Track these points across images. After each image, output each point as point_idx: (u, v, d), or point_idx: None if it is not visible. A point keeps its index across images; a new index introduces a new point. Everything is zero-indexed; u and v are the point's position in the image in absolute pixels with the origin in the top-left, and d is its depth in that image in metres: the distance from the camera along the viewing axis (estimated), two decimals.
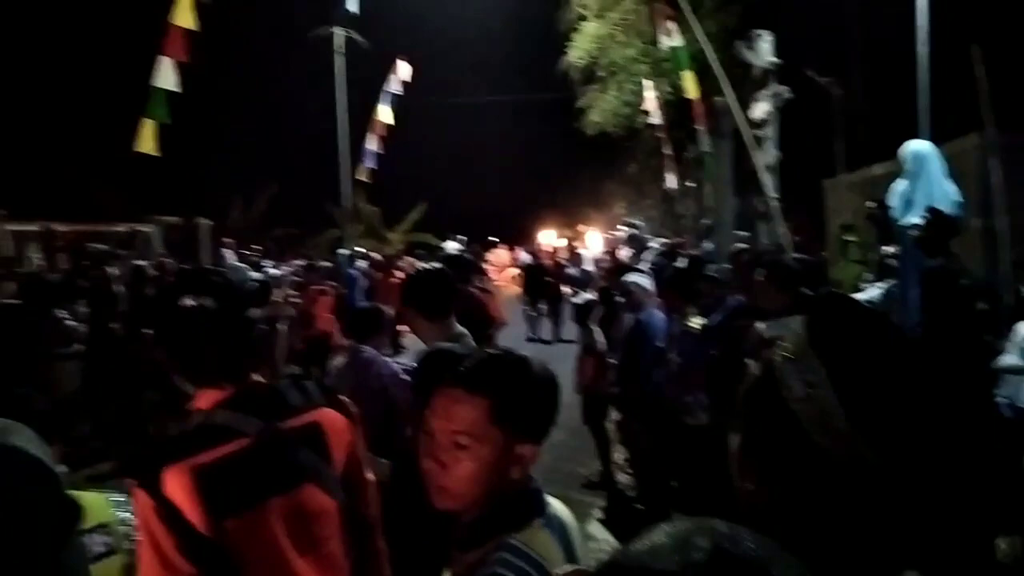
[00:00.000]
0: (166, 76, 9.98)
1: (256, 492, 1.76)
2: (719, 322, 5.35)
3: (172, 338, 1.85)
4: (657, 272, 7.53)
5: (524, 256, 22.10)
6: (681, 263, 8.74)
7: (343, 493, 1.92)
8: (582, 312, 7.17)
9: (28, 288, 8.61)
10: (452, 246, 20.48)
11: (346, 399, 2.04)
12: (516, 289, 18.31)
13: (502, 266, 24.41)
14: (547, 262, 15.84)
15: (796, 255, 6.98)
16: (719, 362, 5.00)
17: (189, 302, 1.80)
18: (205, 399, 1.84)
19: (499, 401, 1.43)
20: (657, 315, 6.12)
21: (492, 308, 7.29)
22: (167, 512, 1.65)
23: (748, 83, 8.13)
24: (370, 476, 2.07)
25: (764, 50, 7.97)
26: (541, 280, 15.25)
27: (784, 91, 8.01)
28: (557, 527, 1.49)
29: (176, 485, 1.66)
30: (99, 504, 2.28)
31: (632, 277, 6.48)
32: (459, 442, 1.41)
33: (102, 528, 2.15)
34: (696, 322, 5.50)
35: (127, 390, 7.82)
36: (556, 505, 1.55)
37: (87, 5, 21.66)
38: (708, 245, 10.63)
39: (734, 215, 9.99)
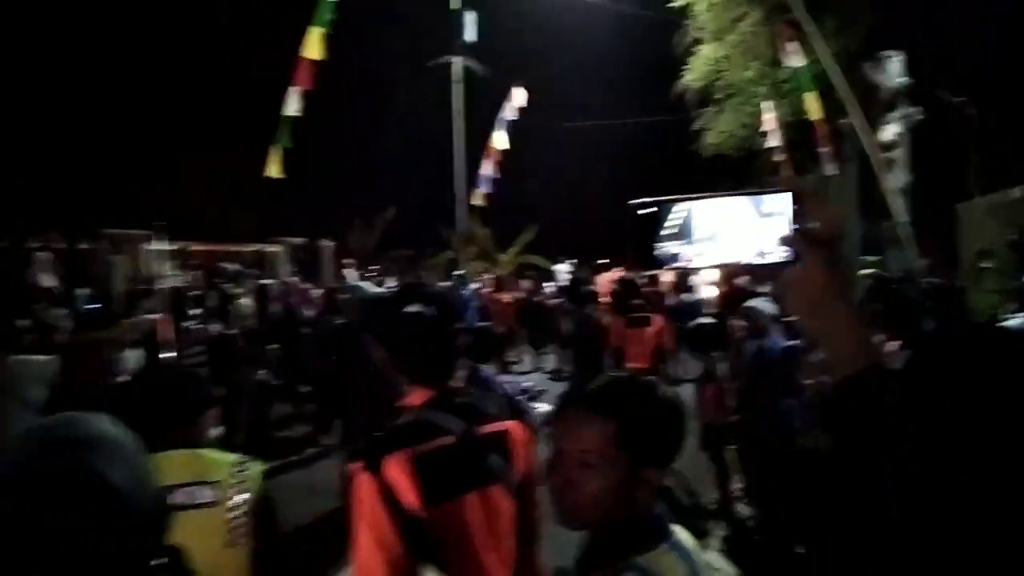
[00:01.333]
0: (293, 104, 10.54)
1: (459, 485, 1.94)
2: None
3: (395, 339, 2.09)
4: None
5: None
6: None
7: (517, 500, 2.08)
8: (701, 338, 7.02)
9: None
10: (562, 268, 20.53)
11: (530, 416, 2.23)
12: None
13: (610, 289, 24.06)
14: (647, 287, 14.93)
15: (931, 280, 6.63)
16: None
17: (414, 308, 2.05)
18: (415, 397, 2.07)
19: (624, 424, 1.44)
20: (781, 341, 5.95)
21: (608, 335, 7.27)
22: (387, 494, 1.83)
23: (876, 104, 7.82)
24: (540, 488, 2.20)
25: (894, 71, 7.67)
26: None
27: (915, 112, 7.67)
28: (683, 553, 1.48)
29: (396, 470, 1.85)
30: (220, 463, 2.53)
31: (754, 302, 6.32)
32: (585, 461, 1.44)
33: (215, 483, 2.44)
34: None
35: (249, 400, 8.23)
36: (680, 532, 1.53)
37: (224, 41, 23.05)
38: None
39: (860, 240, 9.62)
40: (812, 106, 11.57)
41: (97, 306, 7.72)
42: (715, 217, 1.03)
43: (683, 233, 1.04)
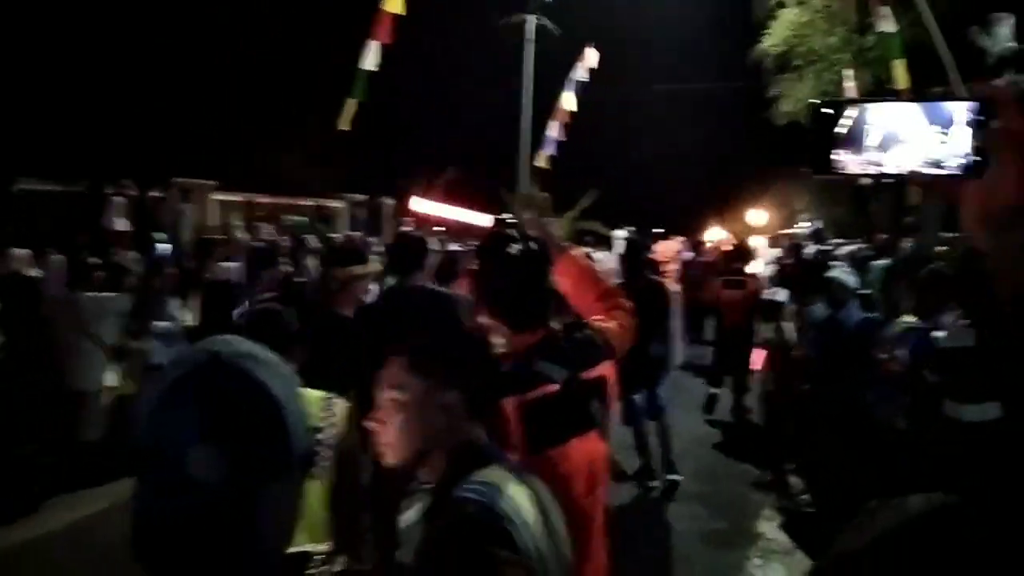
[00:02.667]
0: (370, 58, 10.47)
1: (563, 432, 1.96)
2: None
3: (499, 282, 2.07)
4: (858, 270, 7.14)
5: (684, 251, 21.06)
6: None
7: None
8: (774, 309, 6.85)
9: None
10: (619, 234, 20.32)
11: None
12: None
13: (668, 258, 23.72)
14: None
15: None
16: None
17: (515, 248, 2.05)
18: (518, 343, 2.04)
19: (414, 353, 1.56)
20: (857, 314, 5.77)
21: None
22: (499, 439, 1.84)
23: (978, 71, 7.41)
24: None
25: (1003, 35, 7.21)
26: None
27: (1022, 80, 7.21)
28: (516, 476, 1.49)
29: (507, 416, 1.88)
30: (308, 398, 2.50)
31: (836, 273, 6.13)
32: (391, 398, 1.54)
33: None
34: (908, 322, 5.10)
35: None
36: (528, 476, 1.55)
37: None
38: (907, 245, 9.90)
39: (941, 214, 9.25)
40: (900, 74, 11.05)
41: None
42: (888, 124, 0.94)
43: (854, 140, 0.95)
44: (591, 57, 16.67)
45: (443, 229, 17.81)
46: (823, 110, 0.98)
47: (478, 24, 21.57)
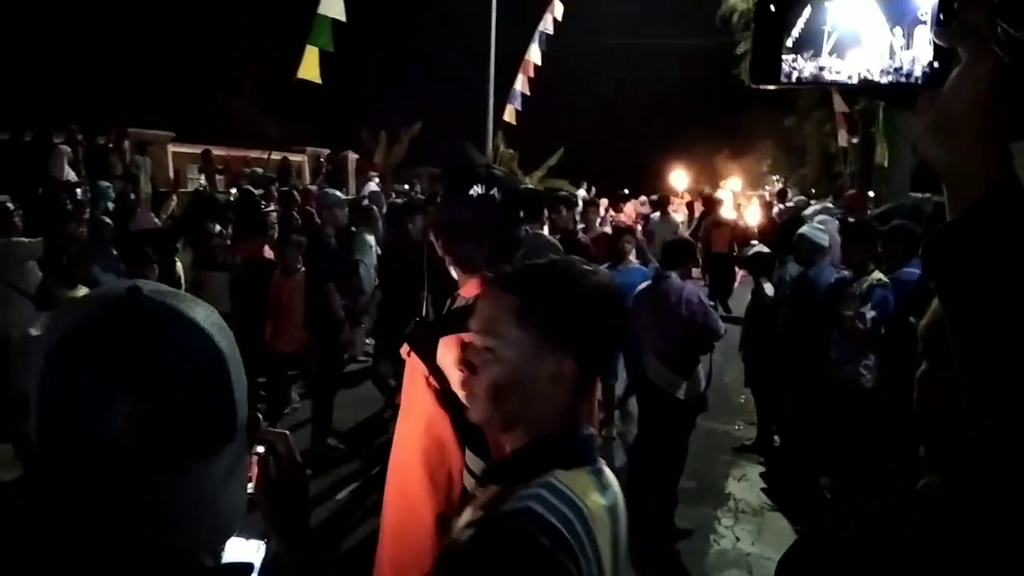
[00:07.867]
0: (332, 5, 10.08)
1: None
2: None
3: (460, 222, 1.94)
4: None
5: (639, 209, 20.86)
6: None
7: None
8: (757, 266, 6.72)
9: (190, 205, 9.22)
10: (582, 193, 20.24)
11: None
12: None
13: (632, 219, 23.65)
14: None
15: None
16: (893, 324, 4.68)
17: (480, 190, 1.90)
18: (470, 288, 1.95)
19: (528, 300, 1.25)
20: (828, 271, 5.71)
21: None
22: (437, 376, 1.78)
23: None
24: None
25: None
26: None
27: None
28: (604, 481, 1.28)
29: (447, 354, 1.78)
30: None
31: (805, 230, 6.05)
32: (487, 344, 1.26)
33: None
34: (874, 279, 5.06)
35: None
36: (610, 474, 1.31)
37: None
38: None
39: (910, 173, 9.24)
40: None
41: None
42: (845, 22, 0.81)
43: (806, 43, 0.81)
44: (558, 8, 16.30)
45: (409, 184, 17.51)
46: (770, 7, 0.84)
47: None
